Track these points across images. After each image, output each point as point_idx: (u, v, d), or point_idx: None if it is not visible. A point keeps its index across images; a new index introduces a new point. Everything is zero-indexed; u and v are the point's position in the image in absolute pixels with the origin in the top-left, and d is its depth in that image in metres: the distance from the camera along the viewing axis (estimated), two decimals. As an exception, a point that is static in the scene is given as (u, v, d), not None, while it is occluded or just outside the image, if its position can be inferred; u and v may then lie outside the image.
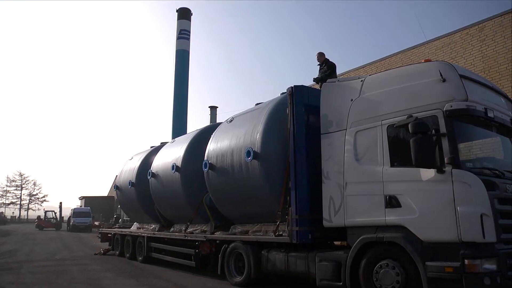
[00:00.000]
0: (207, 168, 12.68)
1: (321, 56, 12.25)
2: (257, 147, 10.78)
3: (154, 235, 17.19)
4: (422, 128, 7.34)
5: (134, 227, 20.95)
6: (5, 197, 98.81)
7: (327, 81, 10.26)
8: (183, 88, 48.95)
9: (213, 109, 53.50)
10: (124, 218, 42.53)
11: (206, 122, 54.97)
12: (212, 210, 13.44)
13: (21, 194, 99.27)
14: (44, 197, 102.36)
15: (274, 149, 10.64)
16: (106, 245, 22.96)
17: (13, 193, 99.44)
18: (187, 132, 28.78)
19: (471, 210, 6.94)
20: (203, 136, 14.48)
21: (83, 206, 66.36)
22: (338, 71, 12.26)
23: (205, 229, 13.89)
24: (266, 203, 10.87)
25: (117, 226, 27.67)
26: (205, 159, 12.93)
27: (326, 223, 9.28)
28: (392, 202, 7.94)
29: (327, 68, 11.80)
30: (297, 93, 10.29)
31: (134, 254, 18.90)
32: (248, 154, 10.91)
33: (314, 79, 11.94)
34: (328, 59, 12.03)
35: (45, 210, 65.63)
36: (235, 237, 11.91)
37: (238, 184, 11.66)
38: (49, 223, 60.37)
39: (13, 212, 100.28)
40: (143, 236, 18.03)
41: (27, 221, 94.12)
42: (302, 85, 10.64)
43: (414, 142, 7.31)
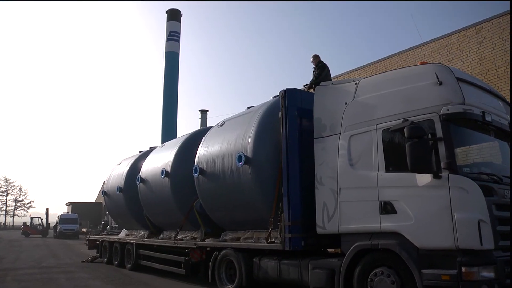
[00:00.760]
0: (198, 173, 12.60)
1: (315, 58, 12.22)
2: (248, 152, 10.71)
3: (143, 242, 17.11)
4: (418, 132, 7.28)
5: (123, 234, 20.91)
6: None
7: (321, 84, 10.23)
8: (173, 91, 48.94)
9: (203, 112, 53.59)
10: (112, 225, 42.40)
11: (196, 126, 55.12)
12: (202, 216, 13.35)
13: (6, 200, 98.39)
14: (30, 203, 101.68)
15: (266, 154, 10.57)
16: (93, 252, 22.88)
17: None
18: (177, 136, 28.68)
19: (468, 217, 6.88)
20: (193, 140, 14.42)
21: (70, 212, 66.27)
22: (332, 74, 12.23)
23: (195, 236, 13.82)
24: (258, 209, 10.80)
25: (105, 233, 27.69)
26: (195, 164, 12.86)
27: (319, 230, 9.21)
28: (387, 208, 7.88)
29: (318, 68, 11.77)
30: (289, 96, 10.23)
31: (122, 262, 18.81)
32: (239, 159, 10.84)
33: (304, 86, 11.89)
34: (321, 61, 12.01)
35: (31, 216, 65.45)
36: (226, 244, 11.82)
37: (229, 189, 11.57)
38: (35, 230, 60.14)
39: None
40: (132, 243, 17.94)
41: (13, 227, 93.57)
42: (295, 88, 10.59)
43: (409, 147, 7.25)
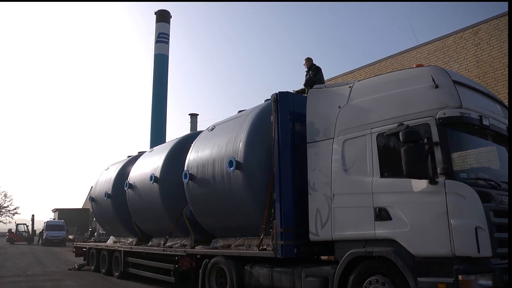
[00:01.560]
0: (187, 178, 12.53)
1: (308, 61, 12.20)
2: (239, 157, 10.65)
3: (132, 250, 17.02)
4: (413, 136, 7.23)
5: (110, 241, 20.80)
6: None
7: (314, 87, 10.19)
8: (162, 94, 48.80)
9: (193, 116, 53.29)
10: (99, 232, 42.29)
11: (186, 130, 54.82)
12: (192, 223, 13.29)
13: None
14: (15, 209, 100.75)
15: (257, 159, 10.51)
16: (80, 260, 22.79)
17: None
18: (166, 141, 28.64)
19: (465, 223, 6.83)
20: (183, 145, 14.36)
21: (57, 219, 66.07)
22: (326, 77, 12.22)
23: (185, 243, 13.74)
24: (249, 216, 10.72)
25: (92, 240, 27.69)
26: (185, 169, 12.78)
27: (312, 237, 9.14)
28: (382, 215, 7.82)
29: (312, 70, 11.75)
30: (282, 99, 10.17)
31: (110, 270, 18.72)
32: (230, 164, 10.77)
33: (295, 92, 11.86)
34: (314, 64, 11.99)
35: (16, 223, 64.99)
36: (217, 251, 11.73)
37: (219, 195, 11.50)
38: (20, 237, 59.78)
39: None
40: (120, 250, 17.85)
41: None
42: (287, 91, 10.53)
43: (405, 152, 7.20)
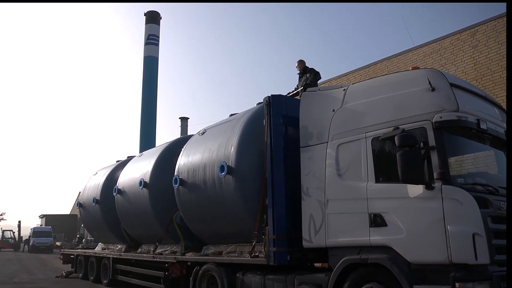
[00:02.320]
0: (178, 184, 12.45)
1: (300, 64, 12.19)
2: (231, 162, 10.58)
3: (120, 256, 16.94)
4: (409, 140, 7.20)
5: (99, 248, 20.71)
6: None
7: (307, 90, 10.18)
8: (152, 97, 48.66)
9: (184, 120, 53.36)
10: (88, 238, 42.13)
11: (176, 134, 54.89)
12: (183, 229, 13.21)
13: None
14: (1, 215, 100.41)
15: (249, 163, 10.46)
16: (68, 267, 22.68)
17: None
18: (156, 145, 28.58)
19: (463, 230, 6.80)
20: (173, 149, 14.27)
21: (44, 225, 65.81)
22: (319, 80, 12.21)
23: (175, 249, 13.68)
24: (241, 222, 10.67)
25: (80, 247, 27.59)
26: (175, 175, 12.70)
27: (306, 244, 9.10)
28: (377, 221, 7.78)
29: (309, 74, 11.73)
30: (274, 103, 10.13)
31: (98, 277, 18.61)
32: (221, 169, 10.70)
33: (290, 94, 11.83)
34: (307, 67, 11.98)
35: (2, 229, 64.55)
36: (208, 258, 11.66)
37: (211, 201, 11.43)
38: (6, 244, 59.44)
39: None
40: (109, 257, 17.76)
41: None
42: (280, 94, 10.49)
43: (400, 156, 7.17)
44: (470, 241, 6.73)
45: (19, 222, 64.10)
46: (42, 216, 77.42)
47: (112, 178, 18.22)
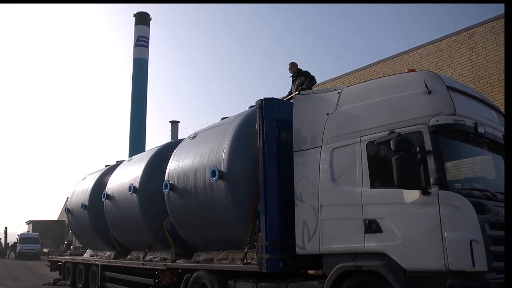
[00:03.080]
0: (168, 189, 12.37)
1: (293, 66, 12.17)
2: (223, 166, 10.52)
3: (109, 263, 16.84)
4: (405, 145, 7.17)
5: (87, 255, 20.61)
6: None
7: (301, 93, 10.15)
8: (141, 101, 48.54)
9: (174, 124, 53.19)
10: (76, 245, 42.13)
11: (166, 138, 54.64)
12: (173, 235, 13.14)
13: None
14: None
15: (241, 168, 10.41)
16: (56, 274, 22.62)
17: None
18: (146, 149, 28.54)
19: (460, 236, 6.77)
20: (164, 154, 14.21)
21: (31, 231, 65.56)
22: (313, 83, 12.21)
23: (165, 256, 13.58)
24: (233, 228, 10.60)
25: (68, 254, 27.60)
26: (165, 180, 12.63)
27: (299, 250, 9.04)
28: (372, 227, 7.73)
29: (304, 78, 11.72)
30: (267, 106, 10.08)
31: (87, 284, 18.52)
32: (213, 174, 10.62)
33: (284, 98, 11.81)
34: (301, 69, 11.97)
35: (-12, 236, 64.52)
36: (199, 265, 11.59)
37: (202, 207, 11.36)
38: (-8, 250, 59.32)
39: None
40: (97, 264, 17.67)
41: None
42: (272, 97, 10.44)
43: (396, 161, 7.12)
44: (467, 247, 6.70)
45: (6, 228, 63.99)
46: (29, 222, 77.15)
47: (100, 183, 18.13)
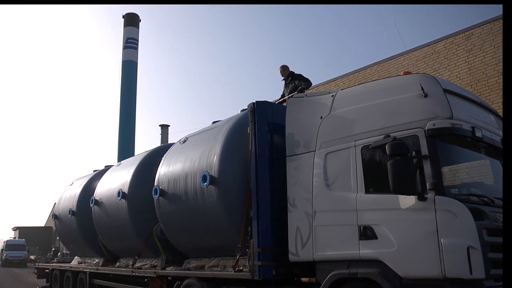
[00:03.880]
0: (158, 194, 12.28)
1: (285, 70, 12.17)
2: (214, 171, 10.46)
3: (98, 271, 16.74)
4: (401, 149, 7.13)
5: (75, 262, 20.47)
6: None
7: (293, 96, 10.14)
8: (131, 104, 48.48)
9: (164, 128, 53.09)
10: (63, 252, 42.00)
11: (156, 142, 54.74)
12: (163, 242, 13.05)
13: None
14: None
15: (233, 173, 10.35)
16: (43, 282, 22.55)
17: None
18: (135, 154, 28.45)
19: (457, 242, 6.74)
20: (153, 158, 14.13)
21: (17, 238, 65.39)
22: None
23: (155, 263, 13.49)
24: (225, 235, 10.54)
25: (55, 261, 27.43)
26: (155, 185, 12.55)
27: (292, 257, 8.98)
28: (367, 233, 7.69)
29: (298, 82, 11.70)
30: (259, 109, 10.04)
31: (74, 292, 18.31)
32: (204, 179, 10.56)
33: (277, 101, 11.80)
34: (293, 72, 11.96)
35: (-27, 242, 64.28)
36: (189, 272, 11.50)
37: (192, 213, 11.27)
38: (-22, 257, 59.00)
39: None
40: (85, 271, 17.55)
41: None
42: (265, 100, 10.39)
43: (392, 166, 7.09)
44: (464, 254, 6.67)
45: (-9, 234, 63.64)
46: (15, 228, 76.90)
47: (89, 189, 18.02)
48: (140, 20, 50.70)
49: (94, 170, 20.25)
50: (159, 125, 52.86)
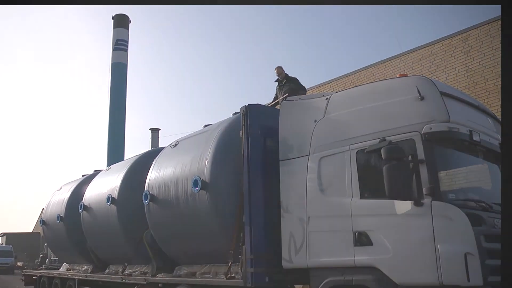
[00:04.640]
0: (148, 200, 12.18)
1: (281, 70, 12.18)
2: (205, 176, 10.37)
3: (87, 278, 16.58)
4: (396, 153, 7.11)
5: (63, 269, 20.30)
6: None
7: (287, 99, 10.11)
8: (120, 107, 48.32)
9: (154, 131, 53.08)
10: (51, 258, 41.71)
11: (147, 146, 54.50)
12: (153, 248, 12.92)
13: None
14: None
15: (225, 178, 10.27)
16: (30, 289, 22.12)
17: None
18: (125, 158, 28.36)
19: (454, 249, 6.71)
20: (143, 163, 14.04)
21: (4, 244, 65.23)
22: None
23: (145, 270, 13.37)
24: (216, 241, 10.46)
25: (43, 267, 27.23)
26: (145, 190, 12.44)
27: (285, 264, 8.95)
28: (362, 240, 7.67)
29: (294, 84, 11.72)
30: (252, 113, 9.99)
31: (62, 300, 18.14)
32: (195, 184, 10.47)
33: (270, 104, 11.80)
34: (288, 74, 11.97)
35: (-41, 249, 63.78)
36: (181, 280, 11.41)
37: (184, 218, 11.19)
38: (-36, 264, 58.63)
39: None
40: (74, 278, 17.43)
41: None
42: (258, 103, 10.37)
43: (387, 170, 7.06)
44: (462, 261, 6.63)
45: (-22, 241, 63.31)
46: (2, 234, 76.57)
47: (77, 194, 17.91)
48: (130, 21, 50.58)
49: (83, 175, 20.08)
50: (150, 128, 52.92)
